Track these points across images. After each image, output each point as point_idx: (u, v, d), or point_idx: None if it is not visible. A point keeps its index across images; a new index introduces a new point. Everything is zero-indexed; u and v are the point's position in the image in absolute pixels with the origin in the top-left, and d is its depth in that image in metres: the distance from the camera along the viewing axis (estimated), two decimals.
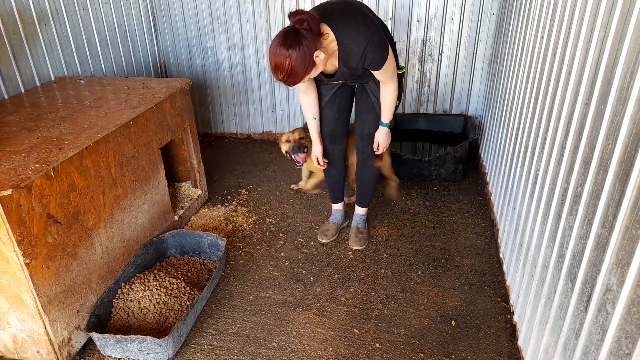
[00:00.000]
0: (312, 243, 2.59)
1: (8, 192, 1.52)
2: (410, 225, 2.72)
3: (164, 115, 2.45)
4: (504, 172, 2.46)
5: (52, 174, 1.71)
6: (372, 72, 2.00)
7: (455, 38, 3.35)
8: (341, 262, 2.43)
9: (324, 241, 2.59)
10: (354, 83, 2.26)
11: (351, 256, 2.47)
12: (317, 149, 2.37)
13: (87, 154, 1.88)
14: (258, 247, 2.57)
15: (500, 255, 2.39)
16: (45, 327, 1.73)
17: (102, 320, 1.97)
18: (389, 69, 2.00)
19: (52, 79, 2.79)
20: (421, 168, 3.11)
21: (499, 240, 2.47)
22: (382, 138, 2.28)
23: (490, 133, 3.01)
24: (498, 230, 2.53)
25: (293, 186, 3.15)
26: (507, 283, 2.19)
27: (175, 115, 2.57)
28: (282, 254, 2.51)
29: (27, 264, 1.61)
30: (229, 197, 3.08)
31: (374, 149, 2.31)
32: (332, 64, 1.97)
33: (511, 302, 2.08)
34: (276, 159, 3.60)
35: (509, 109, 2.50)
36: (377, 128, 2.29)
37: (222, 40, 3.69)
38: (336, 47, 1.89)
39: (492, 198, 2.80)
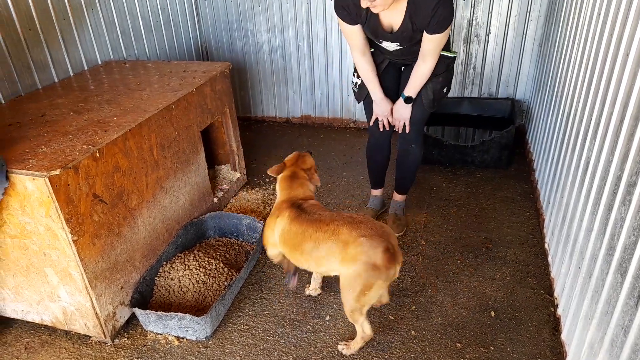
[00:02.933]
0: None
1: (57, 172, 1.58)
2: (450, 212, 2.65)
3: (204, 99, 2.48)
4: (553, 160, 2.34)
5: (98, 155, 1.77)
6: (427, 35, 1.92)
7: (504, 18, 3.19)
8: None
9: None
10: (401, 61, 2.19)
11: None
12: (382, 109, 2.25)
13: (130, 136, 1.93)
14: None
15: (546, 246, 2.29)
16: (92, 302, 1.81)
17: (145, 297, 2.04)
18: (442, 39, 1.93)
19: (99, 62, 2.88)
20: (464, 154, 3.02)
21: (545, 231, 2.37)
22: (399, 112, 2.19)
23: (539, 118, 2.87)
24: (544, 219, 2.42)
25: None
26: (552, 275, 2.10)
27: (215, 98, 2.60)
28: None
29: (74, 241, 1.68)
30: (267, 180, 3.10)
31: (393, 123, 2.24)
32: (391, 21, 1.93)
33: (555, 294, 1.99)
34: (314, 143, 3.58)
35: (560, 93, 2.36)
36: (422, 114, 2.23)
37: (262, 23, 3.68)
38: (404, 1, 1.85)
39: (538, 186, 2.68)
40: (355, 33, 2.06)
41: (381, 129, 2.33)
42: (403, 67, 2.27)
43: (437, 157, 3.09)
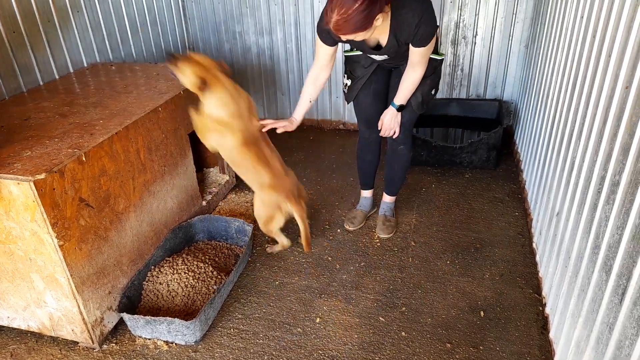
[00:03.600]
0: (338, 230, 2.58)
1: (42, 176, 1.56)
2: (440, 213, 2.66)
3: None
4: (540, 160, 2.37)
5: (84, 159, 1.75)
6: (413, 48, 1.93)
7: (491, 20, 3.22)
8: (368, 250, 2.41)
9: (351, 228, 2.57)
10: (390, 65, 2.20)
11: (378, 244, 2.45)
12: (294, 121, 2.29)
13: (117, 139, 1.92)
14: (284, 233, 2.57)
15: (534, 245, 2.32)
16: (79, 307, 1.79)
17: (133, 302, 2.02)
18: (428, 50, 1.95)
19: (85, 65, 2.85)
20: (452, 155, 3.04)
21: (533, 231, 2.39)
22: (387, 119, 2.18)
23: (526, 119, 2.90)
24: (532, 219, 2.45)
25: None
26: (540, 274, 2.12)
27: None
28: (312, 240, 2.50)
29: (60, 246, 1.66)
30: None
31: (381, 130, 2.23)
32: (377, 39, 1.95)
33: (543, 294, 2.01)
34: (303, 145, 3.58)
35: (545, 94, 2.39)
36: (411, 116, 2.23)
37: (250, 24, 3.68)
38: (387, 20, 1.85)
39: (526, 187, 2.71)
40: (327, 53, 2.07)
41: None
42: (392, 69, 2.28)
43: (426, 158, 3.10)
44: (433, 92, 2.19)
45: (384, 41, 1.94)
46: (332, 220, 2.66)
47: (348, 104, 2.37)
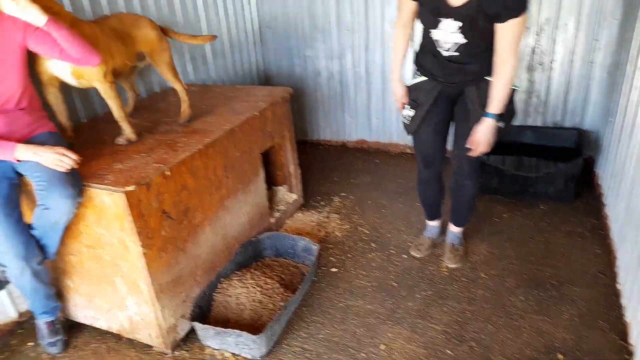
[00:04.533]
0: (404, 256, 2.54)
1: (132, 187, 1.69)
2: (513, 246, 2.55)
3: (265, 122, 2.56)
4: (626, 194, 2.21)
5: (168, 173, 1.86)
6: (500, 27, 1.74)
7: (570, 45, 3.09)
8: (435, 279, 2.34)
9: (418, 255, 2.51)
10: (458, 70, 1.98)
11: (446, 273, 2.38)
12: (398, 90, 2.20)
13: (198, 156, 2.03)
14: (349, 255, 2.57)
15: (618, 286, 2.15)
16: (156, 313, 1.89)
17: (204, 312, 2.10)
18: (518, 28, 1.74)
19: (170, 85, 3.05)
20: (527, 185, 2.91)
21: (617, 270, 2.22)
22: (482, 133, 1.93)
23: (610, 149, 2.72)
24: (616, 258, 2.27)
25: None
26: (627, 319, 1.96)
27: (276, 122, 2.68)
28: (373, 264, 2.49)
29: (144, 254, 1.77)
30: (322, 203, 3.13)
31: (470, 145, 2.01)
32: None
33: (631, 341, 1.85)
34: (368, 168, 3.59)
35: (632, 123, 2.24)
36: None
37: (320, 49, 3.78)
38: None
39: (609, 222, 2.53)
40: (409, 5, 1.97)
41: (400, 109, 2.26)
42: (456, 99, 2.11)
43: (497, 186, 2.99)
44: (502, 124, 1.98)
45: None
46: (398, 245, 2.63)
47: (409, 135, 2.26)
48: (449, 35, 1.87)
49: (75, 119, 2.42)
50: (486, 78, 1.96)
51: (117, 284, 1.91)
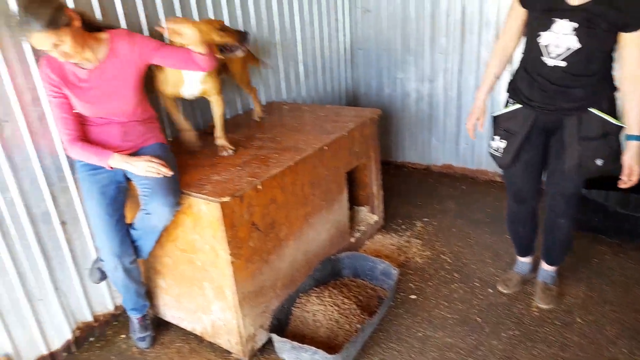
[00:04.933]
0: (489, 290, 2.40)
1: (227, 199, 1.79)
2: (615, 290, 2.31)
3: (353, 142, 2.60)
4: None
5: (260, 187, 1.95)
6: (627, 36, 1.61)
7: None
8: (523, 318, 2.19)
9: (505, 291, 2.36)
10: (558, 92, 1.81)
11: (536, 314, 2.21)
12: (478, 104, 2.08)
13: (288, 172, 2.10)
14: (430, 283, 2.50)
15: None
16: (238, 320, 1.96)
17: (282, 325, 2.14)
18: None
19: (264, 102, 3.21)
20: (635, 225, 2.64)
21: None
22: (634, 160, 1.73)
23: None
24: None
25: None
26: None
27: (362, 142, 2.70)
28: (455, 295, 2.39)
29: (232, 262, 1.86)
30: (404, 227, 3.08)
31: (624, 177, 1.80)
32: None
33: None
34: (454, 195, 3.47)
35: None
36: (578, 186, 1.94)
37: (412, 71, 3.76)
38: None
39: None
40: (520, 17, 1.87)
41: (470, 132, 2.14)
42: (552, 133, 1.95)
43: (600, 225, 2.75)
44: (599, 162, 1.82)
45: None
46: (483, 278, 2.50)
47: (503, 169, 2.11)
48: (561, 38, 1.71)
49: (177, 131, 2.62)
50: (590, 110, 1.80)
51: (205, 288, 2.02)
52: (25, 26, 1.55)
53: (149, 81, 2.08)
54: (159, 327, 2.31)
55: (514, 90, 1.99)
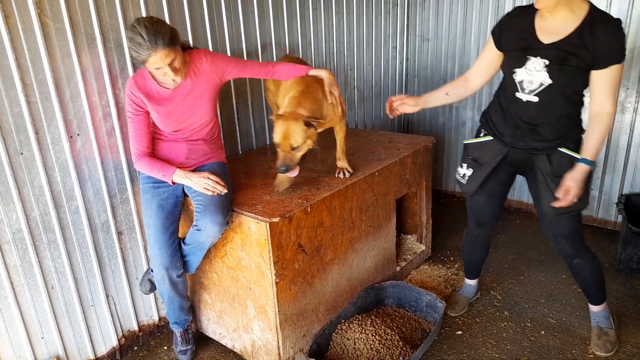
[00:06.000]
0: (542, 332, 2.27)
1: (276, 219, 1.81)
2: None
3: (404, 169, 2.57)
4: None
5: (309, 210, 1.96)
6: (598, 72, 1.69)
7: None
8: None
9: (453, 314, 2.44)
10: (528, 132, 1.86)
11: None
12: (406, 96, 2.10)
13: (337, 196, 2.11)
14: (477, 320, 2.39)
15: None
16: (278, 342, 1.96)
17: (321, 350, 2.12)
18: (618, 77, 1.69)
19: None
20: None
21: None
22: (574, 181, 1.74)
23: None
24: None
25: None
26: None
27: (414, 170, 2.67)
28: (504, 334, 2.27)
29: (276, 283, 1.87)
30: (452, 258, 2.98)
31: (559, 194, 1.78)
32: (551, 28, 1.73)
33: None
34: (508, 228, 3.34)
35: None
36: (575, 224, 1.96)
37: (468, 100, 3.70)
38: (584, 7, 1.68)
39: None
40: (491, 54, 1.93)
41: (387, 110, 2.14)
42: (517, 172, 2.06)
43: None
44: (581, 201, 1.82)
45: (560, 34, 1.70)
46: (536, 318, 2.36)
47: (466, 195, 2.17)
48: (534, 74, 1.78)
49: (235, 151, 2.71)
50: (559, 149, 1.85)
51: (248, 307, 2.04)
52: (152, 44, 1.70)
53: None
54: (200, 341, 2.35)
55: (486, 121, 2.04)
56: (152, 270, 2.08)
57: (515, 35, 1.83)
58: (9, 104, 1.78)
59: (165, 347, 2.34)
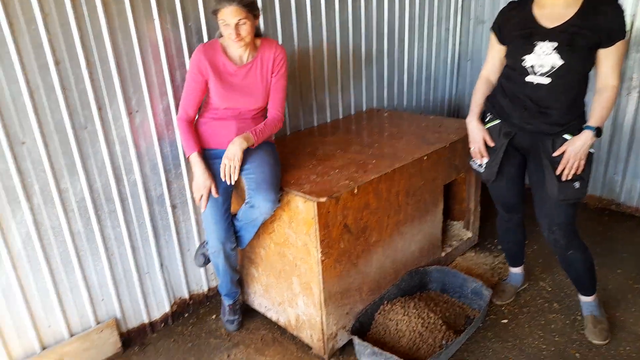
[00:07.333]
0: None
1: (324, 199, 1.84)
2: None
3: (454, 155, 2.52)
4: None
5: (355, 191, 1.98)
6: (603, 51, 1.74)
7: None
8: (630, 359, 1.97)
9: (499, 302, 2.40)
10: (539, 112, 1.87)
11: None
12: (477, 133, 2.07)
13: (384, 179, 2.10)
14: (525, 310, 2.34)
15: None
16: (322, 317, 2.01)
17: (363, 329, 2.15)
18: (622, 52, 1.75)
19: (364, 109, 3.24)
20: None
21: None
22: (577, 147, 1.79)
23: None
24: None
25: None
26: None
27: (464, 155, 2.61)
28: (552, 326, 2.21)
29: (322, 261, 1.91)
30: (499, 247, 2.92)
31: (562, 165, 1.82)
32: (553, 14, 1.79)
33: None
34: None
35: None
36: (569, 212, 1.93)
37: None
38: None
39: None
40: (498, 51, 2.01)
41: (477, 159, 2.13)
42: (528, 153, 2.02)
43: None
44: (576, 184, 1.85)
45: (566, 13, 1.75)
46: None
47: (488, 183, 2.15)
48: (544, 58, 1.81)
49: (283, 132, 2.75)
50: (564, 136, 1.86)
51: (293, 282, 2.10)
52: None
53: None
54: (246, 313, 2.44)
55: (492, 104, 2.05)
56: (206, 244, 2.17)
57: (515, 27, 1.89)
58: (75, 81, 1.89)
59: (214, 316, 2.45)
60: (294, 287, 2.11)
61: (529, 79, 1.86)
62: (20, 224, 1.86)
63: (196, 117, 2.12)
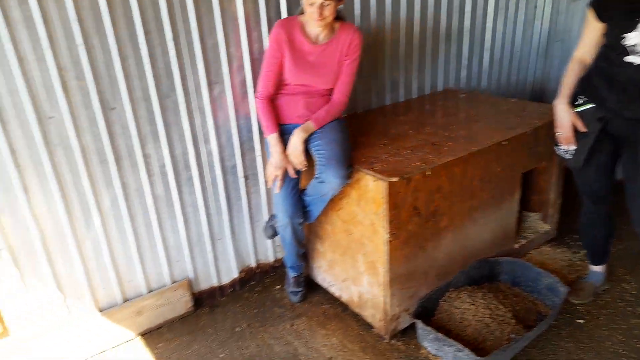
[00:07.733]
0: None
1: (395, 179, 1.80)
2: None
3: (536, 142, 2.36)
4: None
5: (428, 173, 1.92)
6: None
7: None
8: None
9: (576, 301, 2.25)
10: (623, 121, 1.78)
11: None
12: (566, 118, 1.92)
13: (459, 162, 2.02)
14: (604, 311, 2.18)
15: None
16: (385, 298, 2.00)
17: (427, 314, 2.11)
18: None
19: (440, 89, 3.12)
20: None
21: None
22: None
23: None
24: None
25: None
26: None
27: (548, 143, 2.43)
28: (635, 332, 2.04)
29: (389, 241, 1.89)
30: (579, 243, 2.71)
31: None
32: None
33: None
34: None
35: None
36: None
37: None
38: None
39: None
40: (595, 28, 1.83)
41: (563, 145, 1.98)
42: (625, 138, 1.85)
43: None
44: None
45: None
46: None
47: (575, 170, 2.02)
48: None
49: (355, 109, 2.72)
50: None
51: (358, 260, 2.10)
52: None
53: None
54: (310, 287, 2.49)
55: (587, 88, 1.90)
56: (275, 217, 2.22)
57: (619, 1, 1.76)
58: (161, 51, 1.97)
59: (278, 287, 2.53)
60: (358, 265, 2.11)
61: (628, 59, 1.71)
62: (109, 185, 2.00)
63: None
